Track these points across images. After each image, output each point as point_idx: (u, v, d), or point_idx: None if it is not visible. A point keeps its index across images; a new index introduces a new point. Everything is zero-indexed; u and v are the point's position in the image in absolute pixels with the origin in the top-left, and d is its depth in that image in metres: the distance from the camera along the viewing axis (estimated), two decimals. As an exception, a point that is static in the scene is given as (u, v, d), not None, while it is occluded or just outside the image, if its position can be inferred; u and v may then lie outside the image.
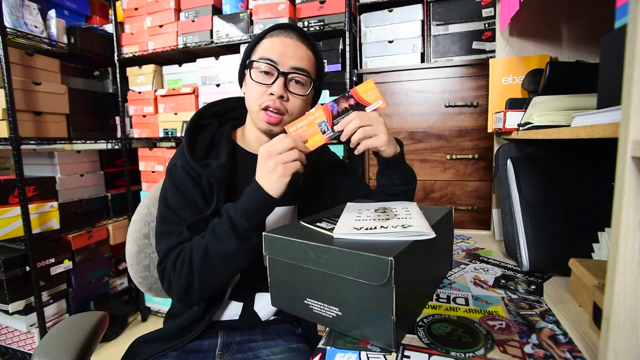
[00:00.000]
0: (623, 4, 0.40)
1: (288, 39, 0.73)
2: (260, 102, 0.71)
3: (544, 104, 0.69)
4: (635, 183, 0.32)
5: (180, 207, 0.70)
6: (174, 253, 0.67)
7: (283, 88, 0.70)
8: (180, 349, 0.74)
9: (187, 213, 0.70)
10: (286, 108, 0.72)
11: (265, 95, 0.71)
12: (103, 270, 1.97)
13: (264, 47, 0.72)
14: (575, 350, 0.48)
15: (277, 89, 0.70)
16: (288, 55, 0.71)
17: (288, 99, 0.72)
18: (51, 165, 1.80)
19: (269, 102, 0.71)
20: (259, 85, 0.71)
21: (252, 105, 0.74)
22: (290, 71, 0.71)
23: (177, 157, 0.74)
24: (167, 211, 0.71)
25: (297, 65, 0.72)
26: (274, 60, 0.70)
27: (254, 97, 0.72)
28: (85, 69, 2.18)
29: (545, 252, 0.72)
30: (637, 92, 0.31)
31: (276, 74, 0.70)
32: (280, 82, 0.70)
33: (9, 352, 1.67)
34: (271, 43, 0.72)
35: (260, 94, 0.71)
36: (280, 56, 0.71)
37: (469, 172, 1.41)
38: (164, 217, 0.72)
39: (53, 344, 0.62)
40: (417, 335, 0.52)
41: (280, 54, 0.71)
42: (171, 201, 0.71)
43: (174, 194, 0.71)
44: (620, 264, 0.33)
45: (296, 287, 0.55)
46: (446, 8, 1.51)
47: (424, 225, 0.54)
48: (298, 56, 0.72)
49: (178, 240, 0.68)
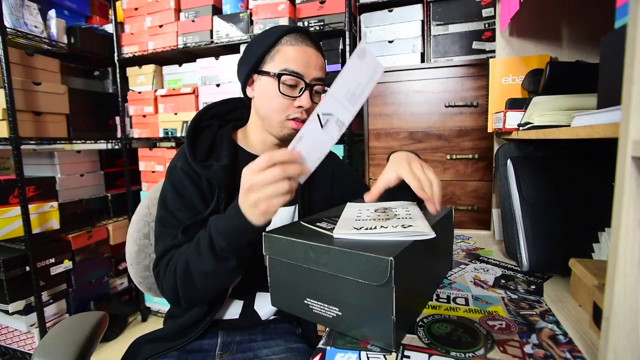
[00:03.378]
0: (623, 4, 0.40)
1: (309, 48, 0.72)
2: (287, 114, 0.72)
3: (544, 104, 0.69)
4: (635, 183, 0.32)
5: (178, 209, 0.70)
6: (166, 257, 0.67)
7: (310, 100, 0.71)
8: (180, 349, 0.74)
9: (185, 216, 0.70)
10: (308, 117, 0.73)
11: (291, 107, 0.71)
12: (103, 270, 1.97)
13: (286, 57, 0.70)
14: (575, 350, 0.48)
15: (307, 102, 0.71)
16: (312, 66, 0.71)
17: (310, 109, 0.73)
18: (51, 165, 1.80)
19: (297, 114, 0.71)
20: (285, 97, 0.71)
21: (274, 115, 0.72)
22: (313, 83, 0.72)
23: (178, 158, 0.74)
24: (165, 213, 0.71)
25: (318, 76, 0.72)
26: (300, 73, 0.70)
27: (279, 108, 0.71)
28: (85, 69, 2.18)
29: (545, 252, 0.72)
30: (637, 92, 0.31)
31: (302, 86, 0.71)
32: (308, 95, 0.71)
33: (9, 352, 1.67)
34: (294, 53, 0.70)
35: (286, 105, 0.71)
36: (305, 68, 0.70)
37: (469, 172, 1.41)
38: (161, 218, 0.72)
39: (53, 344, 0.62)
40: (417, 335, 0.52)
41: (305, 65, 0.70)
42: (169, 203, 0.71)
43: (173, 195, 0.71)
44: (620, 264, 0.33)
45: (296, 287, 0.55)
46: (446, 8, 1.51)
47: (424, 225, 0.54)
48: (319, 66, 0.73)
49: (173, 243, 0.68)
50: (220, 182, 0.70)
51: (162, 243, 0.69)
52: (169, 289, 0.65)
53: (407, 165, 0.63)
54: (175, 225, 0.69)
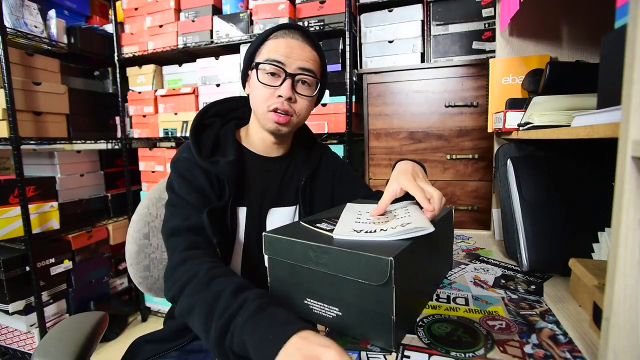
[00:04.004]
0: (623, 4, 0.40)
1: (293, 40, 0.72)
2: (268, 104, 0.71)
3: (544, 104, 0.69)
4: (635, 183, 0.32)
5: (187, 194, 0.69)
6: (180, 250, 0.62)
7: (291, 90, 0.71)
8: (180, 349, 0.74)
9: (194, 198, 0.68)
10: (294, 109, 0.73)
11: (273, 97, 0.71)
12: (103, 270, 1.97)
13: (269, 48, 0.72)
14: (575, 350, 0.48)
15: (285, 91, 0.70)
16: (294, 56, 0.71)
17: (295, 101, 0.72)
18: (51, 165, 1.80)
19: (277, 104, 0.71)
20: (266, 87, 0.71)
21: (259, 107, 0.73)
22: (297, 72, 0.71)
23: (181, 151, 0.74)
24: (174, 197, 0.70)
25: (303, 66, 0.72)
26: (280, 62, 0.70)
27: (261, 99, 0.72)
28: (85, 69, 2.18)
29: (545, 252, 0.72)
30: (637, 92, 0.31)
31: (283, 76, 0.70)
32: (288, 83, 0.70)
33: (9, 352, 1.67)
34: (276, 44, 0.72)
35: (267, 95, 0.71)
36: (286, 57, 0.70)
37: (469, 172, 1.41)
38: (171, 202, 0.70)
39: (53, 344, 0.62)
40: (417, 335, 0.52)
41: (286, 55, 0.70)
42: (177, 189, 0.70)
43: (180, 182, 0.70)
44: (620, 264, 0.33)
45: (296, 287, 0.55)
46: (446, 8, 1.51)
47: (423, 220, 0.54)
48: (304, 57, 0.72)
49: (185, 224, 0.65)
50: (228, 178, 0.70)
51: (172, 221, 0.66)
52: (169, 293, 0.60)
53: (412, 178, 0.64)
54: (185, 207, 0.67)
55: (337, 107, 1.56)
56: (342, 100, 1.54)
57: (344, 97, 1.53)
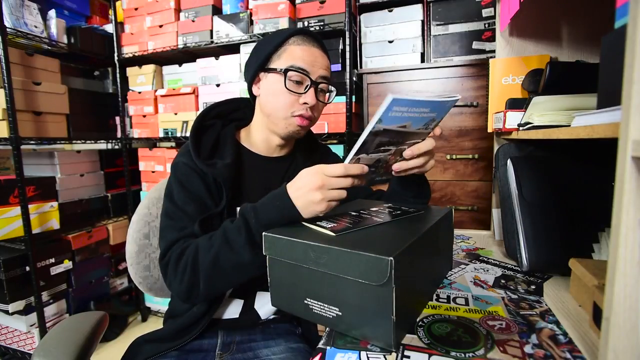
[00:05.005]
0: (623, 4, 0.40)
1: (314, 48, 0.74)
2: (292, 110, 0.73)
3: (544, 104, 0.69)
4: (635, 183, 0.32)
5: (185, 203, 0.70)
6: (176, 250, 0.66)
7: (315, 97, 0.73)
8: (180, 348, 0.74)
9: (191, 208, 0.70)
10: (314, 115, 0.76)
11: (297, 104, 0.73)
12: (103, 270, 1.97)
13: (293, 55, 0.72)
14: (575, 350, 0.48)
15: (312, 99, 0.73)
16: (317, 64, 0.73)
17: (315, 107, 0.75)
18: (51, 165, 1.80)
19: (302, 111, 0.73)
20: (292, 94, 0.72)
21: (279, 111, 0.74)
22: (319, 81, 0.74)
23: (181, 154, 0.74)
24: (171, 206, 0.71)
25: (324, 75, 0.75)
26: (307, 70, 0.72)
27: (284, 104, 0.73)
28: (85, 69, 2.18)
29: (545, 252, 0.72)
30: (637, 92, 0.31)
31: (307, 83, 0.73)
32: (313, 92, 0.73)
33: (9, 352, 1.67)
34: (301, 51, 0.73)
35: (292, 102, 0.73)
36: (311, 66, 0.72)
37: (469, 172, 1.41)
38: (168, 211, 0.72)
39: (53, 344, 0.62)
40: (417, 335, 0.52)
41: (311, 63, 0.73)
42: (176, 197, 0.71)
43: (178, 189, 0.71)
44: (620, 264, 0.33)
45: (296, 287, 0.55)
46: (446, 8, 1.51)
47: None
48: (325, 65, 0.75)
49: (180, 235, 0.68)
50: (225, 180, 0.71)
51: (168, 235, 0.69)
52: (182, 285, 0.64)
53: None
54: (182, 218, 0.69)
55: (337, 107, 1.56)
56: (342, 100, 1.54)
57: (344, 97, 1.53)
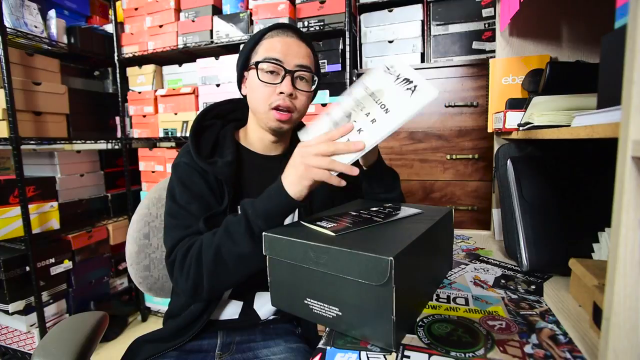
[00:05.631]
0: (623, 4, 0.40)
1: (288, 38, 0.74)
2: (270, 102, 0.73)
3: (544, 104, 0.69)
4: (635, 183, 0.32)
5: (187, 202, 0.70)
6: (182, 247, 0.66)
7: (292, 86, 0.72)
8: (179, 348, 0.74)
9: (195, 207, 0.70)
10: (295, 105, 0.74)
11: (274, 95, 0.72)
12: (103, 270, 1.97)
13: (265, 48, 0.73)
14: (575, 350, 0.48)
15: (287, 88, 0.71)
16: (292, 53, 0.73)
17: (296, 97, 0.74)
18: (51, 165, 1.79)
19: (279, 101, 0.72)
20: (267, 85, 0.72)
21: (259, 105, 0.74)
22: (295, 69, 0.73)
23: (182, 155, 0.75)
24: (174, 206, 0.71)
25: (301, 63, 0.73)
26: (279, 60, 0.72)
27: (262, 97, 0.73)
28: (85, 69, 2.18)
29: (545, 252, 0.72)
30: (637, 92, 0.31)
31: (283, 73, 0.72)
32: (289, 80, 0.72)
33: (9, 352, 1.67)
34: (272, 43, 0.73)
35: (268, 94, 0.73)
36: (284, 55, 0.72)
37: (469, 172, 1.41)
38: (172, 212, 0.71)
39: (53, 344, 0.62)
40: (417, 335, 0.52)
41: (284, 52, 0.72)
42: (178, 196, 0.71)
43: (181, 189, 0.71)
44: (620, 264, 0.33)
45: (296, 287, 0.55)
46: (446, 8, 1.51)
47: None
48: (300, 54, 0.74)
49: (186, 233, 0.68)
50: (226, 178, 0.71)
51: (174, 233, 0.69)
52: (188, 281, 0.64)
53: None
54: (186, 217, 0.69)
55: (337, 107, 1.56)
56: (342, 100, 1.54)
57: (344, 97, 1.53)
